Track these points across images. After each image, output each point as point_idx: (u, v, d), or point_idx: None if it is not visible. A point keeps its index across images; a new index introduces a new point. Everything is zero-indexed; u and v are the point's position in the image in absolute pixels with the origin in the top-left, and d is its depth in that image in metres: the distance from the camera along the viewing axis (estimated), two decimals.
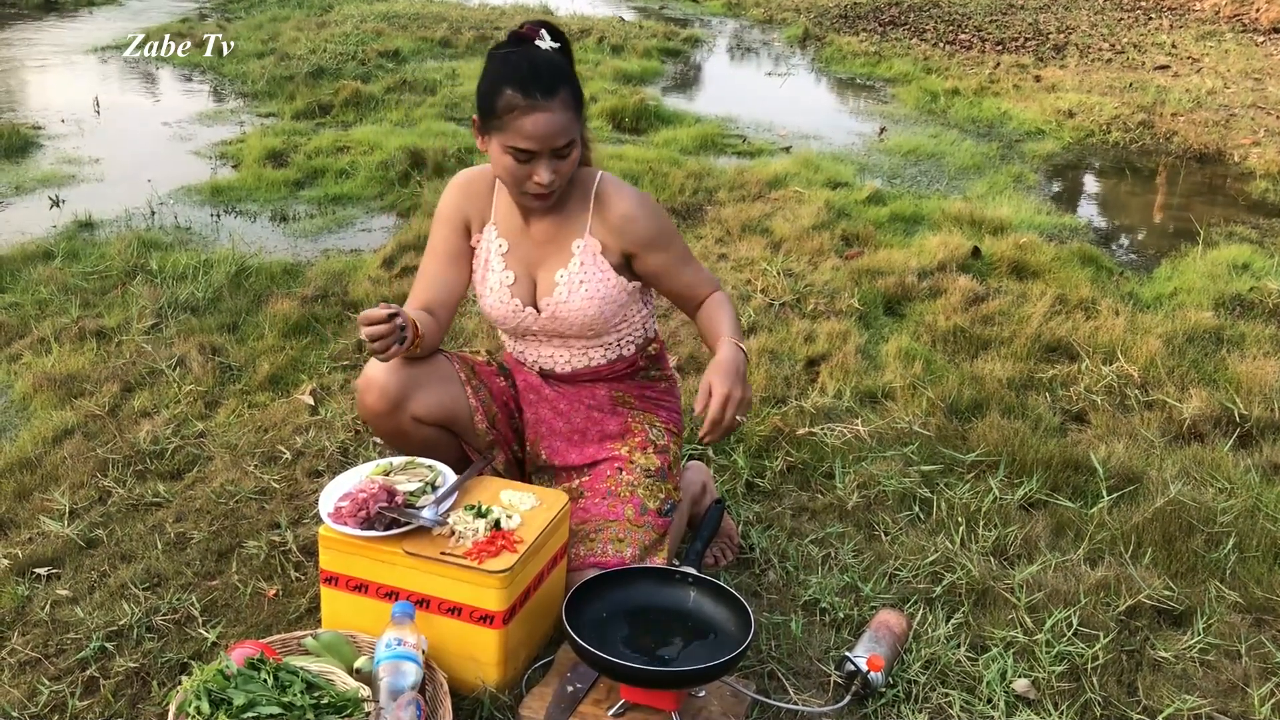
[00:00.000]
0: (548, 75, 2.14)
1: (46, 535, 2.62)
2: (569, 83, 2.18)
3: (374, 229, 5.17)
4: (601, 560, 2.25)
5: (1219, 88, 8.64)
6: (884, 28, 11.96)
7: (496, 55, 2.22)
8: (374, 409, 2.31)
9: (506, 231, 2.40)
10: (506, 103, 2.13)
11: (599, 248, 2.34)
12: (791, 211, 5.22)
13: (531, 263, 2.38)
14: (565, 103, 2.15)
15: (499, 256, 2.40)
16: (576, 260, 2.34)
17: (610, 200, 2.34)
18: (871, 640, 2.19)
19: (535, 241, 2.38)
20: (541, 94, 2.12)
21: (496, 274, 2.39)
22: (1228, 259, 4.73)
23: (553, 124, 2.14)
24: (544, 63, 2.16)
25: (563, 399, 2.48)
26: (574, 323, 2.37)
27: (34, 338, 3.72)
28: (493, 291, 2.40)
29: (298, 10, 11.74)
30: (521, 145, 2.15)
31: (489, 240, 2.41)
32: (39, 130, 6.80)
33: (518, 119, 2.13)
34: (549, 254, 2.37)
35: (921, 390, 3.38)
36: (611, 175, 2.39)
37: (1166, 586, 2.49)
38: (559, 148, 2.17)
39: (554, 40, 2.22)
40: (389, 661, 1.91)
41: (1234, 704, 2.19)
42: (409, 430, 2.34)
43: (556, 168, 2.19)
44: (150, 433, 3.08)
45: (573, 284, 2.34)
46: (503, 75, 2.15)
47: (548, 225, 2.36)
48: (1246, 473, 2.99)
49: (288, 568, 2.49)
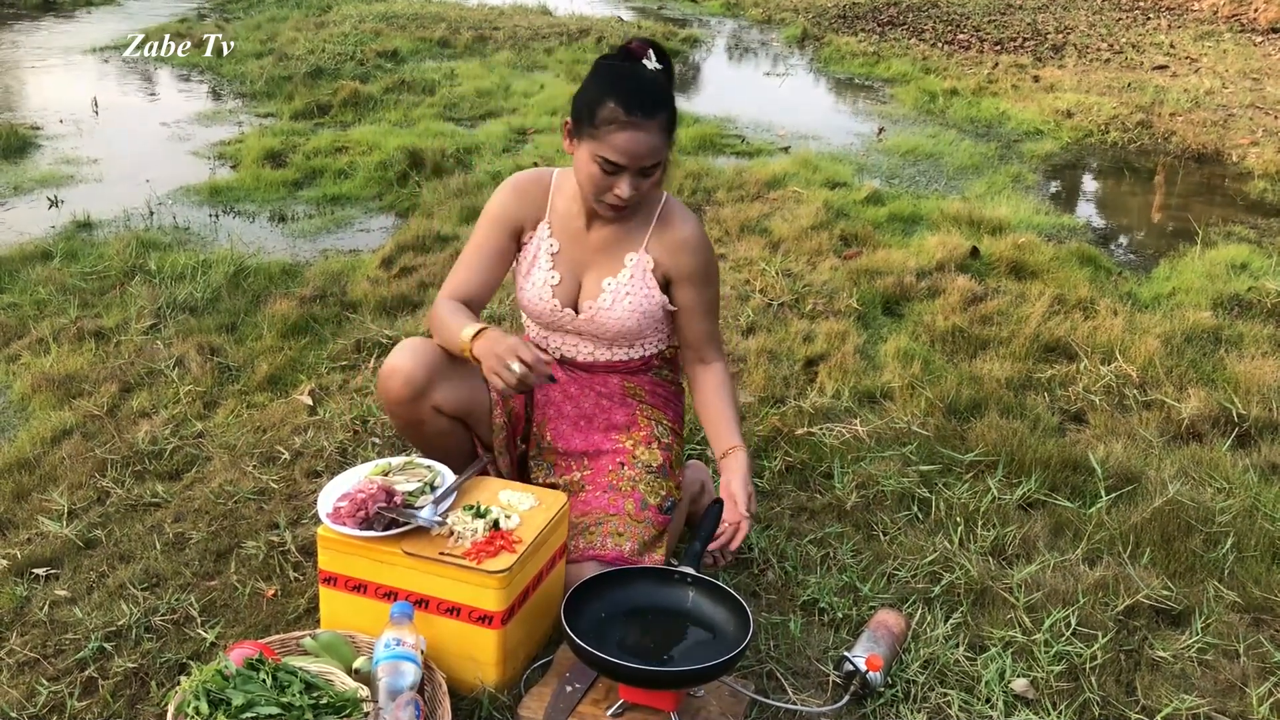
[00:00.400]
0: (651, 97, 2.19)
1: (45, 535, 2.62)
2: (668, 107, 2.23)
3: (372, 229, 5.17)
4: (600, 554, 2.26)
5: (1217, 88, 8.65)
6: (883, 28, 11.96)
7: (604, 66, 2.27)
8: (398, 396, 2.32)
9: (560, 233, 2.43)
10: (607, 114, 2.17)
11: (651, 265, 2.40)
12: (790, 211, 5.22)
13: (580, 267, 2.43)
14: (662, 126, 2.20)
15: (548, 256, 2.43)
16: (627, 272, 2.39)
17: (673, 222, 2.40)
18: (870, 640, 2.19)
19: (590, 247, 2.42)
20: (643, 113, 2.17)
21: (543, 272, 2.43)
22: (1226, 259, 4.73)
23: (647, 144, 2.18)
24: (650, 83, 2.21)
25: (574, 384, 2.51)
26: (610, 329, 2.42)
27: (32, 338, 3.72)
28: (534, 287, 2.44)
29: (296, 10, 11.73)
30: (612, 158, 2.19)
31: (541, 238, 2.44)
32: (37, 130, 6.80)
33: (614, 133, 2.17)
34: (600, 260, 2.41)
35: (920, 390, 3.38)
36: (678, 200, 2.45)
37: (1165, 586, 2.49)
38: (646, 167, 2.21)
39: (659, 62, 2.26)
40: (388, 662, 1.91)
41: (1232, 704, 2.19)
42: (427, 420, 2.36)
43: (638, 185, 2.24)
44: (149, 433, 3.08)
45: (618, 294, 2.38)
46: (609, 87, 2.19)
47: (608, 234, 2.41)
48: (1245, 472, 2.99)
49: (286, 568, 2.49)
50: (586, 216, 2.40)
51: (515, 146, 6.54)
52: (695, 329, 2.46)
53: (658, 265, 2.40)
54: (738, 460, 2.34)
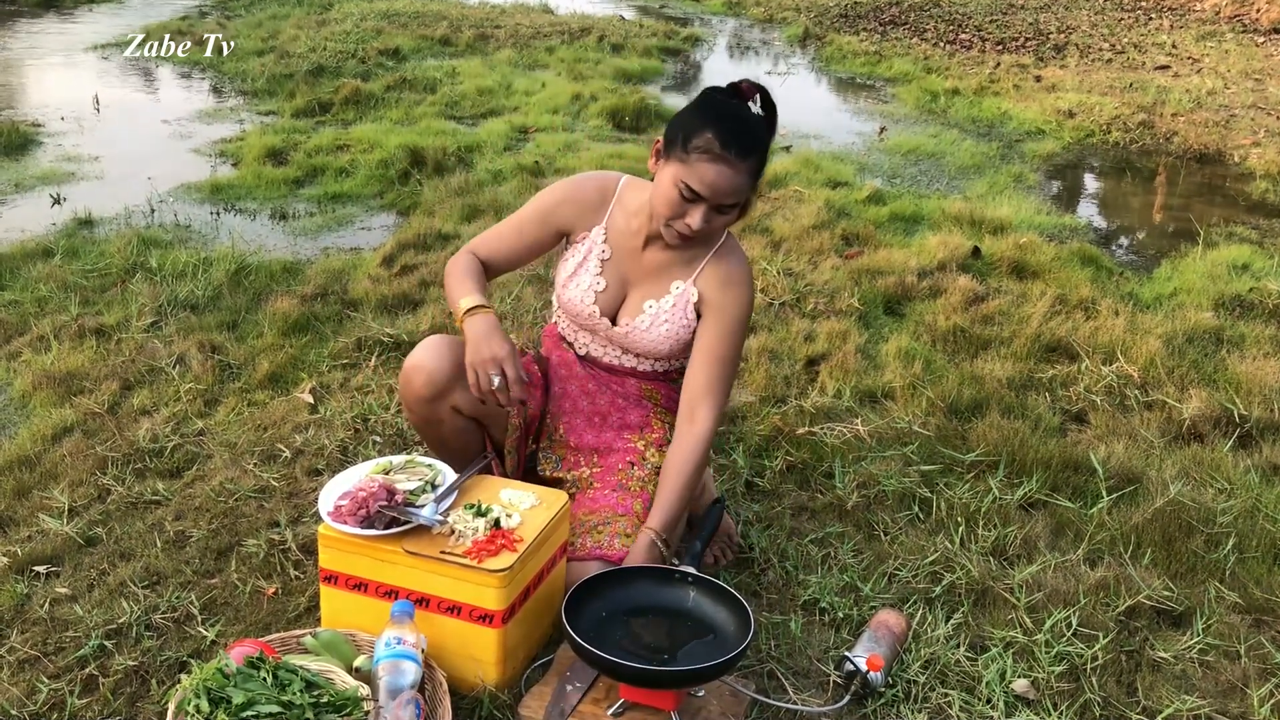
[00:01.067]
0: (750, 139, 2.19)
1: (46, 533, 2.62)
2: (761, 153, 2.23)
3: (374, 227, 5.17)
4: (607, 553, 2.26)
5: (1219, 88, 8.64)
6: (884, 27, 11.96)
7: (712, 98, 2.27)
8: (419, 394, 2.33)
9: (614, 242, 2.43)
10: (702, 144, 2.17)
11: (695, 297, 2.38)
12: (791, 211, 5.22)
13: (627, 282, 2.43)
14: (751, 170, 2.21)
15: (598, 261, 2.43)
16: (670, 299, 2.38)
17: (728, 259, 2.38)
18: (871, 640, 2.19)
19: (642, 266, 2.41)
20: (737, 153, 2.17)
21: (590, 276, 2.43)
22: (1228, 259, 4.73)
23: (732, 182, 2.19)
24: (753, 125, 2.22)
25: (593, 380, 2.51)
26: (642, 347, 2.43)
27: (34, 335, 3.72)
28: (579, 289, 2.44)
29: (298, 8, 11.73)
30: (695, 186, 2.19)
31: (595, 242, 2.44)
32: (39, 128, 6.80)
33: (703, 163, 2.17)
34: (647, 279, 2.41)
35: (921, 390, 3.38)
36: (737, 241, 2.44)
37: (1166, 587, 2.49)
38: (725, 205, 2.21)
39: (763, 109, 2.25)
40: (388, 660, 1.91)
41: (1233, 705, 2.19)
42: (445, 419, 2.37)
43: (710, 220, 2.23)
44: (150, 431, 3.08)
45: (657, 318, 2.39)
46: (711, 118, 2.20)
47: (663, 259, 2.40)
48: (1246, 473, 2.99)
49: (287, 566, 2.49)
50: (646, 236, 2.39)
51: (516, 145, 6.54)
52: (700, 373, 2.35)
53: (702, 299, 2.38)
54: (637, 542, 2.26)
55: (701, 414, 2.34)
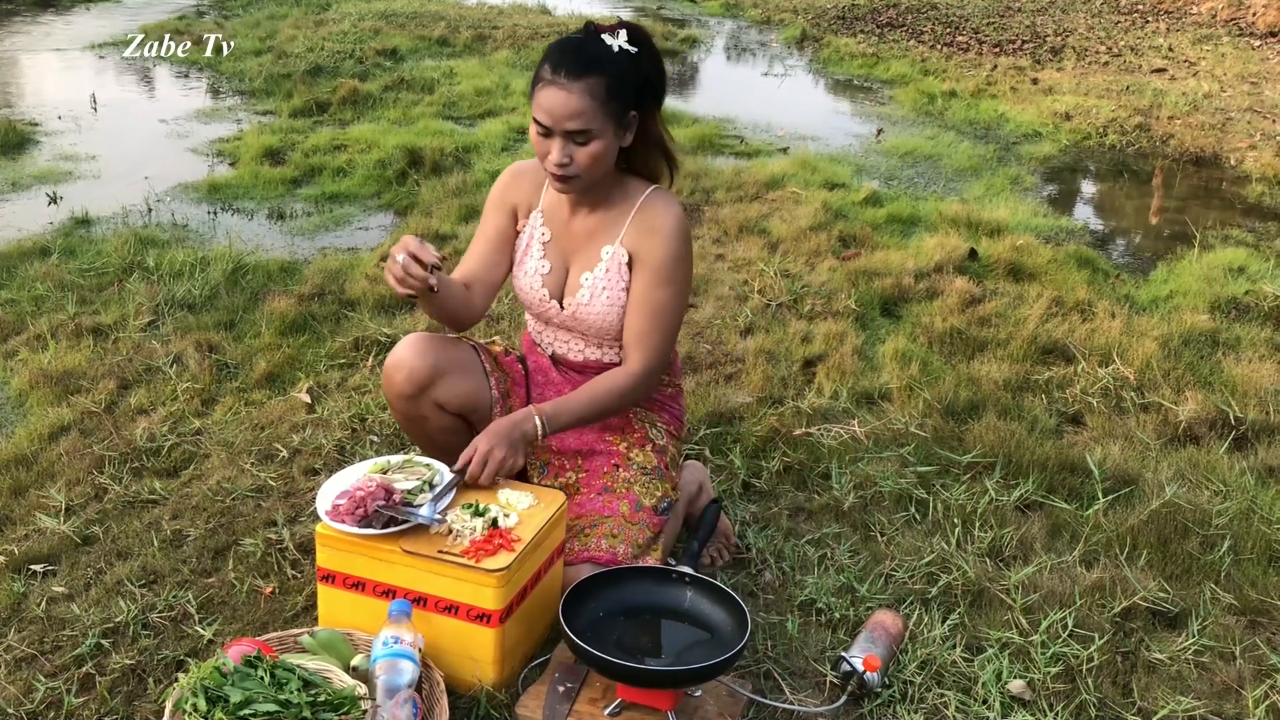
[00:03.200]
0: (582, 59, 2.19)
1: (42, 532, 2.62)
2: (606, 74, 2.19)
3: (371, 227, 5.17)
4: (595, 556, 2.26)
5: (1215, 91, 8.65)
6: (882, 29, 11.97)
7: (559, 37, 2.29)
8: (400, 390, 2.33)
9: (551, 221, 2.44)
10: (538, 74, 2.22)
11: (625, 258, 2.37)
12: (789, 212, 5.22)
13: (568, 257, 2.43)
14: (590, 90, 2.18)
15: (540, 244, 2.44)
16: (602, 266, 2.37)
17: (650, 211, 2.36)
18: (867, 640, 2.20)
19: (575, 236, 2.42)
20: (567, 74, 2.17)
21: (535, 260, 2.44)
22: (1224, 262, 4.74)
23: (565, 104, 2.17)
24: (585, 48, 2.22)
25: (569, 385, 2.50)
26: (592, 325, 2.41)
27: (31, 334, 3.72)
28: (527, 276, 2.45)
29: (295, 8, 11.71)
30: (538, 117, 2.21)
31: (534, 226, 2.45)
32: (36, 127, 6.79)
33: (540, 90, 2.21)
34: (583, 252, 2.41)
35: (918, 391, 3.39)
36: (666, 194, 2.40)
37: (1161, 588, 2.49)
38: (570, 131, 2.19)
39: (631, 44, 2.24)
40: (386, 659, 1.91)
41: (1228, 706, 2.19)
42: (428, 415, 2.37)
43: (570, 152, 2.22)
44: (147, 430, 3.08)
45: (595, 289, 2.37)
46: (549, 51, 2.23)
47: (590, 223, 2.40)
48: (1242, 475, 3.00)
49: (284, 565, 2.49)
50: (570, 203, 2.40)
51: (514, 145, 6.54)
52: (633, 321, 2.35)
53: (632, 257, 2.37)
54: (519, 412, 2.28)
55: (634, 359, 2.35)
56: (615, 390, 2.34)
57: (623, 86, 2.22)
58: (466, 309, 2.41)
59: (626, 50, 2.23)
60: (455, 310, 2.38)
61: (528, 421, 2.27)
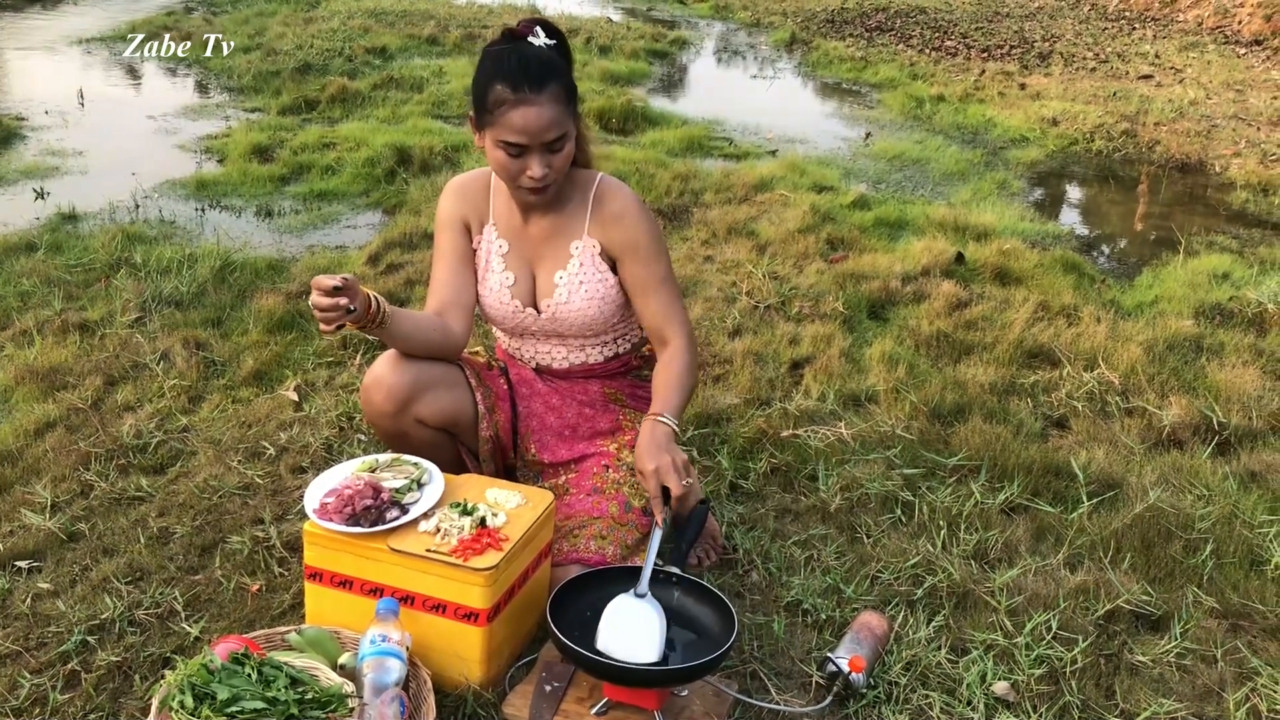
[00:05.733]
0: (537, 70, 2.16)
1: (27, 528, 2.61)
2: (559, 77, 2.19)
3: (359, 226, 5.17)
4: (583, 557, 2.26)
5: (1201, 98, 8.71)
6: (870, 33, 12.00)
7: (489, 52, 2.24)
8: (380, 409, 2.31)
9: (506, 232, 2.41)
10: (496, 97, 2.16)
11: (597, 248, 2.36)
12: (777, 214, 5.24)
13: (531, 263, 2.40)
14: (555, 96, 2.17)
15: (499, 257, 2.41)
16: (575, 261, 2.36)
17: (607, 199, 2.36)
18: (853, 641, 2.21)
19: (534, 240, 2.39)
20: (530, 88, 2.14)
21: (497, 275, 2.41)
22: (1208, 268, 4.77)
23: (541, 118, 2.15)
24: (533, 57, 2.18)
25: (555, 394, 2.49)
26: (573, 323, 2.39)
27: (16, 330, 3.70)
28: (493, 292, 2.42)
29: (284, 5, 11.69)
30: (512, 139, 2.17)
31: (489, 240, 2.42)
32: (22, 121, 6.76)
33: (507, 113, 2.15)
34: (548, 254, 2.38)
35: (904, 394, 3.40)
36: (612, 177, 2.41)
37: (1145, 591, 2.51)
38: (549, 141, 2.19)
39: (549, 37, 2.24)
40: (373, 658, 1.91)
41: (1209, 708, 2.21)
42: (410, 431, 2.35)
43: (549, 162, 2.21)
44: (133, 427, 3.07)
45: (572, 285, 2.36)
46: (493, 71, 2.18)
47: (547, 224, 2.38)
48: (1224, 480, 3.02)
49: (271, 563, 2.49)
50: (521, 210, 2.38)
51: None
52: (649, 307, 2.36)
53: (603, 248, 2.37)
54: (644, 427, 2.21)
55: (671, 333, 2.35)
56: (684, 370, 2.31)
57: (569, 81, 2.23)
58: (444, 337, 2.36)
59: (550, 45, 2.23)
60: (427, 340, 2.33)
61: (656, 429, 2.19)
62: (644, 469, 2.15)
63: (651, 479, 2.14)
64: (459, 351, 2.43)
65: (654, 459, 2.14)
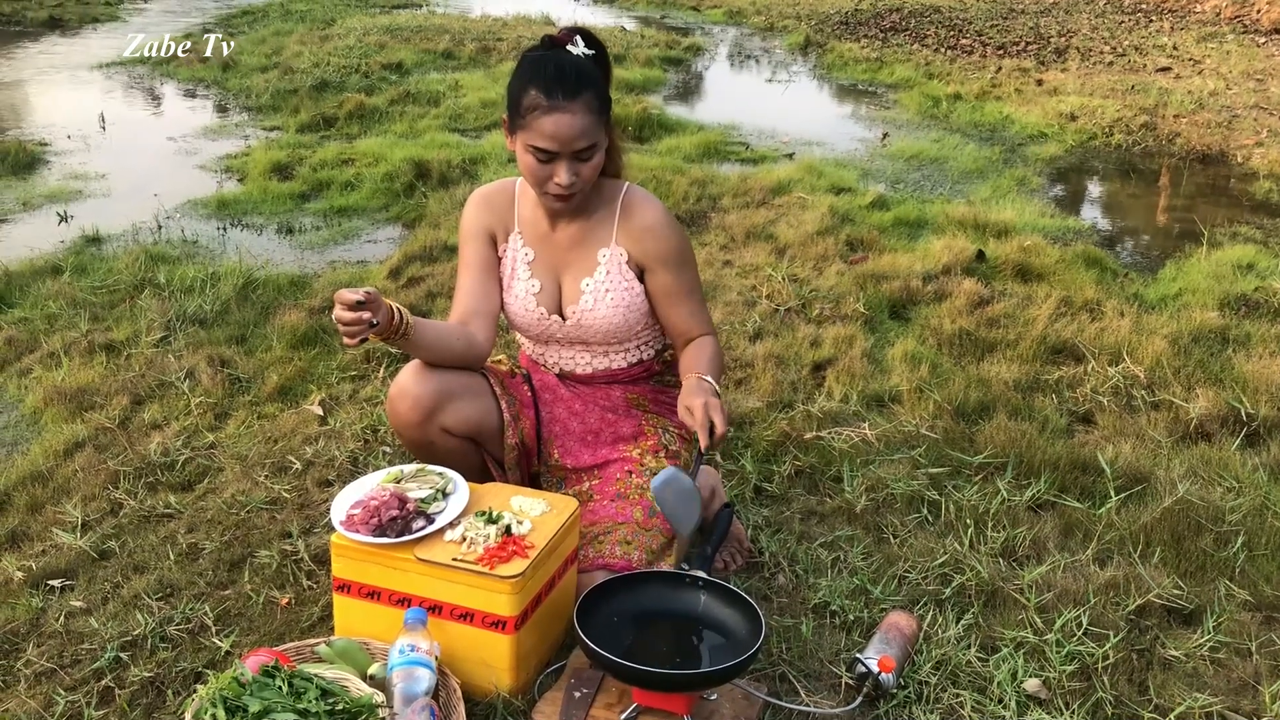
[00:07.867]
0: (573, 78, 2.18)
1: (59, 547, 2.63)
2: (594, 87, 2.21)
3: (380, 240, 5.20)
4: (609, 562, 2.27)
5: (1221, 89, 8.65)
6: (885, 34, 11.98)
7: (528, 57, 2.27)
8: (406, 419, 2.32)
9: (532, 239, 2.43)
10: (530, 102, 2.18)
11: (625, 257, 2.38)
12: (795, 217, 5.23)
13: (557, 270, 2.42)
14: (588, 106, 2.19)
15: (525, 265, 2.43)
16: (603, 269, 2.38)
17: (636, 210, 2.38)
18: (882, 642, 2.20)
19: (561, 248, 2.41)
20: (564, 95, 2.16)
21: (523, 282, 2.43)
22: (1232, 259, 4.73)
23: (573, 126, 2.17)
24: (570, 65, 2.20)
25: (578, 399, 2.50)
26: (599, 330, 2.41)
27: (44, 352, 3.75)
28: (518, 300, 2.44)
29: (300, 24, 11.79)
30: (542, 145, 2.19)
31: (515, 249, 2.44)
32: (45, 146, 6.84)
33: (539, 119, 2.17)
34: (574, 261, 2.40)
35: (928, 393, 3.39)
36: (640, 188, 2.43)
37: (1176, 585, 2.49)
38: (578, 150, 2.21)
39: (588, 47, 2.26)
40: (402, 667, 1.92)
41: (1245, 702, 2.19)
42: (436, 441, 2.36)
43: (577, 170, 2.23)
44: (161, 444, 3.09)
45: (599, 293, 2.37)
46: (529, 76, 2.20)
47: (574, 231, 2.39)
48: (1254, 471, 2.99)
49: (300, 576, 2.50)
50: (549, 217, 2.40)
51: None
52: (678, 313, 2.42)
53: (630, 257, 2.39)
54: (686, 382, 2.30)
55: (698, 332, 2.44)
56: (715, 353, 2.40)
57: (603, 92, 2.25)
58: (468, 346, 2.37)
59: (589, 55, 2.25)
60: (451, 349, 2.34)
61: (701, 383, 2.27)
62: (691, 404, 2.21)
63: (700, 410, 2.20)
64: (483, 360, 2.44)
65: (701, 397, 2.22)
